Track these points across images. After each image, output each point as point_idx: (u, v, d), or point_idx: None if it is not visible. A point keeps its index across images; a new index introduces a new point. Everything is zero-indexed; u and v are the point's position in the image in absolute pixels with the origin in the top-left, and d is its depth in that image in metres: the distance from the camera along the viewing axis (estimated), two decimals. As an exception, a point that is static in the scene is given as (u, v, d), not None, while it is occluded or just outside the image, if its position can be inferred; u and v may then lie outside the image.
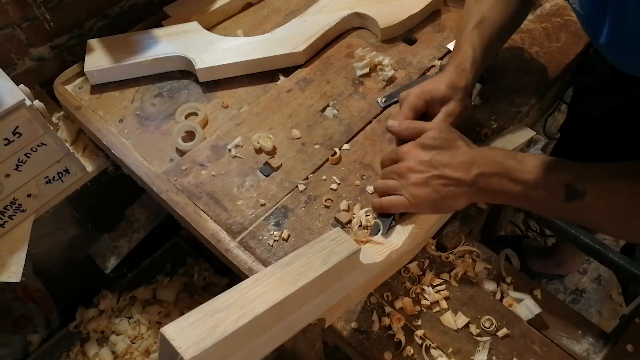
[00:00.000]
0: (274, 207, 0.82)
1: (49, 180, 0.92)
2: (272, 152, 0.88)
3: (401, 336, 0.69)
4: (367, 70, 0.98)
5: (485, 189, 0.66)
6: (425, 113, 0.78)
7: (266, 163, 0.87)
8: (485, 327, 0.70)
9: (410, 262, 0.75)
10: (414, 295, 0.73)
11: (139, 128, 0.94)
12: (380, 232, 0.70)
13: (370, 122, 0.92)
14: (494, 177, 0.65)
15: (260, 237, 0.79)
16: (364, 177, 0.84)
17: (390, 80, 0.97)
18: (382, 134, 0.90)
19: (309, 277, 0.49)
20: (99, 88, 1.00)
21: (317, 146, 0.89)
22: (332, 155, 0.86)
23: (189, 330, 0.42)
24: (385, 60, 0.99)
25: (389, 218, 0.71)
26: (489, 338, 0.69)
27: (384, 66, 0.99)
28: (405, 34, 1.06)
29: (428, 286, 0.73)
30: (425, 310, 0.72)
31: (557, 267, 1.59)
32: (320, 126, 0.92)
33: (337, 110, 0.94)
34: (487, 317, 0.70)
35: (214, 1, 1.11)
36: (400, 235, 0.69)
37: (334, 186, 0.83)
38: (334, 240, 0.53)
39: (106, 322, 1.21)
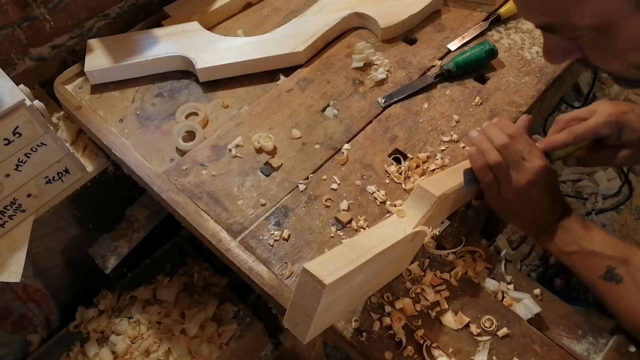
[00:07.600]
0: (275, 207, 0.82)
1: (49, 180, 0.92)
2: (272, 152, 0.89)
3: (402, 336, 0.69)
4: (361, 64, 0.99)
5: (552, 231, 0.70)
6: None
7: (266, 163, 0.87)
8: (486, 327, 0.70)
9: (411, 262, 0.75)
10: (414, 295, 0.73)
11: (139, 128, 0.94)
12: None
13: (370, 122, 0.92)
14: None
15: (261, 237, 0.79)
16: (364, 177, 0.84)
17: (381, 83, 0.97)
18: (383, 133, 0.90)
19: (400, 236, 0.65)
20: (99, 88, 1.00)
21: (317, 146, 0.89)
22: (339, 157, 0.87)
23: (325, 265, 0.54)
24: (380, 61, 1.00)
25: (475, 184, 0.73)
26: (489, 338, 0.69)
27: (378, 66, 0.99)
28: (406, 33, 1.06)
29: (428, 286, 0.73)
30: (425, 310, 0.72)
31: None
32: (320, 126, 0.92)
33: (338, 110, 0.94)
34: (487, 316, 0.70)
35: (214, 1, 1.11)
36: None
37: (334, 186, 0.84)
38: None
39: (106, 322, 1.21)
